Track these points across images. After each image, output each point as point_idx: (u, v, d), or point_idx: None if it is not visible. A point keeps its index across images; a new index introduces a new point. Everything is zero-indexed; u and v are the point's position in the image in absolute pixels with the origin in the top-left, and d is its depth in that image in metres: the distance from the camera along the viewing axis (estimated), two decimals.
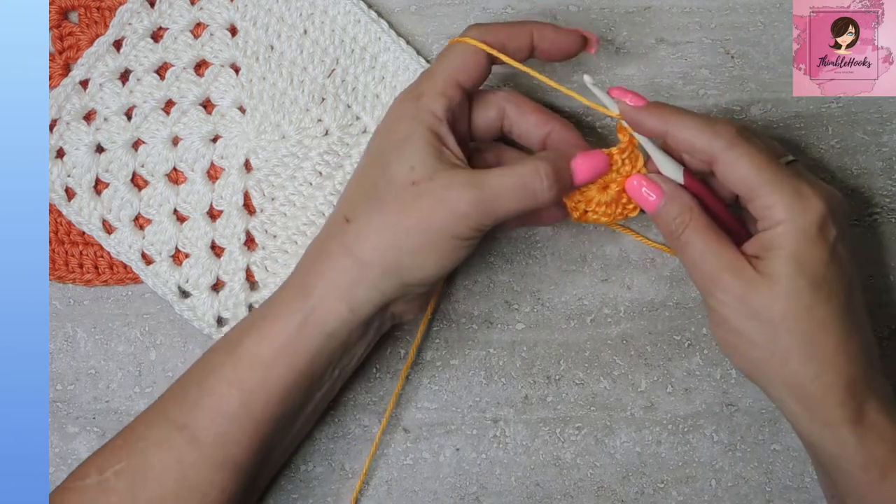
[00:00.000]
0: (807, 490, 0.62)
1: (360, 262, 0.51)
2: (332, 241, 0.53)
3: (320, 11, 0.62)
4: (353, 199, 0.53)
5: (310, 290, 0.52)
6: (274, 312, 0.53)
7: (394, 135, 0.53)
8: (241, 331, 0.54)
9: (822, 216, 0.50)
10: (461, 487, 0.62)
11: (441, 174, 0.51)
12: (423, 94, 0.53)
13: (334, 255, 0.52)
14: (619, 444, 0.62)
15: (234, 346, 0.53)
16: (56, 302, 0.63)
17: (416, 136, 0.52)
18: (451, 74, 0.53)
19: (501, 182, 0.51)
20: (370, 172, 0.53)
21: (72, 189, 0.62)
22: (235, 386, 0.52)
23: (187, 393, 0.53)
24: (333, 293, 0.52)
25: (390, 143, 0.52)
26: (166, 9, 0.62)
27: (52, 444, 0.62)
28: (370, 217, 0.51)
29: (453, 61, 0.54)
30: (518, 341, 0.63)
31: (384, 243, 0.51)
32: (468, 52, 0.54)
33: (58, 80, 0.62)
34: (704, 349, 0.63)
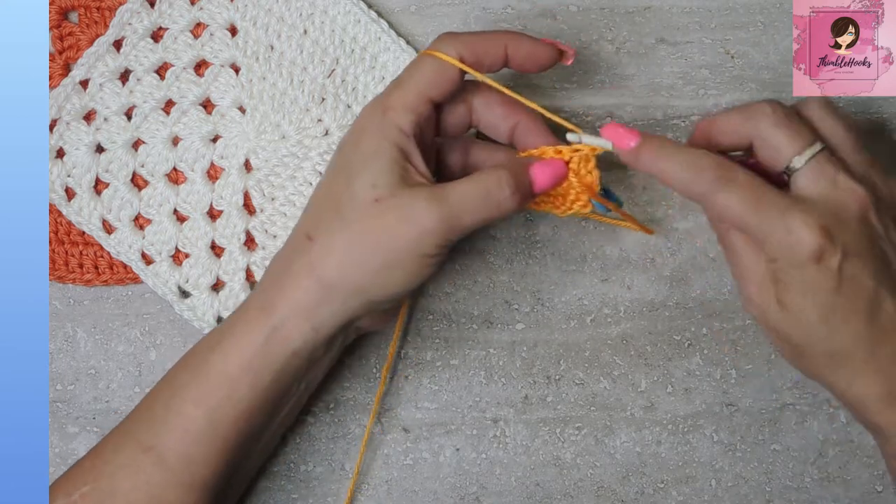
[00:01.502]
0: (807, 490, 0.62)
1: (323, 283, 0.51)
2: (295, 259, 0.52)
3: (320, 11, 0.62)
4: (317, 216, 0.52)
5: (273, 308, 0.52)
6: (238, 330, 0.52)
7: (359, 149, 0.52)
8: (205, 348, 0.53)
9: (815, 249, 0.49)
10: (461, 487, 0.62)
11: (404, 191, 0.50)
12: (391, 108, 0.52)
13: (298, 275, 0.51)
14: (619, 444, 0.62)
15: (198, 363, 0.53)
16: (56, 302, 0.63)
17: (382, 152, 0.51)
18: (421, 89, 0.52)
19: (464, 195, 0.50)
20: (334, 187, 0.52)
21: (72, 189, 0.62)
22: (201, 405, 0.52)
23: (153, 413, 0.53)
24: (297, 312, 0.51)
25: (355, 158, 0.52)
26: (166, 9, 0.62)
27: (52, 444, 0.62)
28: (333, 236, 0.51)
29: (424, 75, 0.52)
30: (518, 341, 0.63)
31: (348, 263, 0.51)
32: (440, 66, 0.52)
33: (58, 80, 0.62)
34: (704, 349, 0.63)
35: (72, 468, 0.54)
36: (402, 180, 0.51)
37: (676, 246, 0.63)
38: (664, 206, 0.63)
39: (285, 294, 0.51)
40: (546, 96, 0.62)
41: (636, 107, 0.63)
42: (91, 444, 0.62)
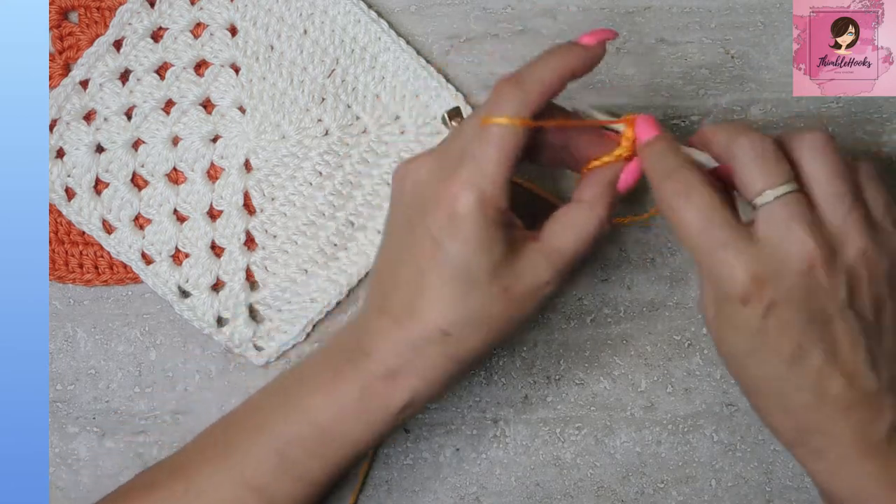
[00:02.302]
0: (807, 490, 0.62)
1: (462, 365, 0.53)
2: (430, 348, 0.52)
3: (320, 11, 0.62)
4: (445, 309, 0.51)
5: (409, 386, 0.53)
6: (368, 396, 0.53)
7: (466, 237, 0.50)
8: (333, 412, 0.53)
9: (741, 292, 0.48)
10: (461, 487, 0.62)
11: (523, 268, 0.51)
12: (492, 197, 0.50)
13: (436, 364, 0.52)
14: (619, 444, 0.62)
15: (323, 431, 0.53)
16: (56, 302, 0.63)
17: (496, 240, 0.51)
18: (508, 168, 0.51)
19: (570, 243, 0.52)
20: (448, 279, 0.51)
21: (72, 189, 0.62)
22: (324, 461, 0.53)
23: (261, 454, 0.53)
24: (431, 389, 0.53)
25: (466, 248, 0.50)
26: (166, 9, 0.62)
27: (52, 444, 0.62)
28: (474, 331, 0.52)
29: (505, 148, 0.50)
30: (518, 341, 0.63)
31: (488, 346, 0.53)
32: (516, 134, 0.50)
33: (58, 80, 0.62)
34: (704, 349, 0.63)
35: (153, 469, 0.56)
36: (515, 254, 0.51)
37: (676, 246, 0.63)
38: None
39: (421, 372, 0.52)
40: None
41: (636, 107, 0.63)
42: (91, 444, 0.62)
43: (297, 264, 0.62)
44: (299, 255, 0.62)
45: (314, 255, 0.62)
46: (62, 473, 0.62)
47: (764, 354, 0.49)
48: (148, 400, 0.62)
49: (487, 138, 0.50)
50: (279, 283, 0.62)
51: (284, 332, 0.62)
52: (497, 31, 0.63)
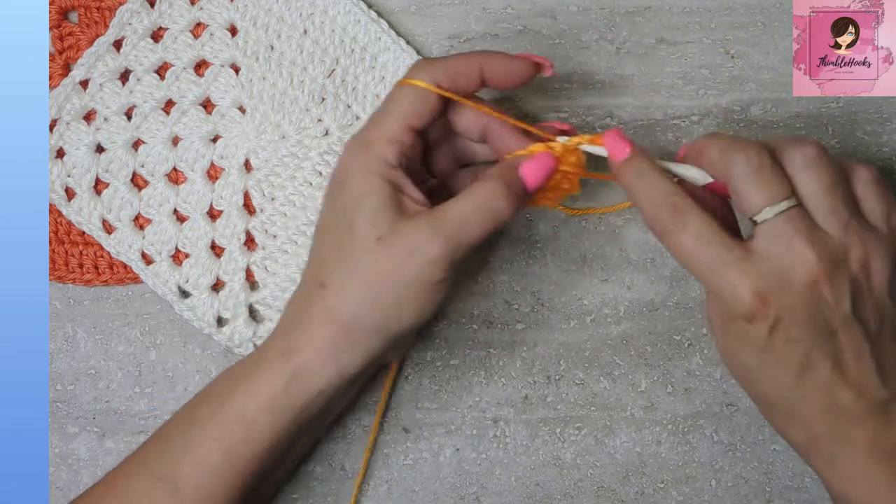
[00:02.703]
0: (807, 490, 0.62)
1: (343, 328, 0.51)
2: (311, 305, 0.52)
3: (320, 11, 0.62)
4: (324, 263, 0.53)
5: (295, 352, 0.52)
6: (259, 371, 0.53)
7: (350, 190, 0.52)
8: (226, 386, 0.54)
9: (746, 311, 0.48)
10: (461, 487, 0.62)
11: (404, 225, 0.51)
12: (373, 143, 0.52)
13: (316, 321, 0.52)
14: (619, 444, 0.62)
15: (219, 400, 0.53)
16: (56, 302, 0.63)
17: (373, 189, 0.51)
18: (402, 120, 0.52)
19: (461, 214, 0.51)
20: (334, 231, 0.53)
21: (72, 189, 0.62)
22: (219, 441, 0.52)
23: (171, 444, 0.53)
24: (320, 357, 0.52)
25: (348, 200, 0.52)
26: (166, 9, 0.62)
27: (52, 444, 0.62)
28: (344, 281, 0.51)
29: (403, 105, 0.52)
30: (518, 341, 0.63)
31: (364, 305, 0.51)
32: (419, 94, 0.52)
33: (58, 80, 0.62)
34: (704, 349, 0.63)
35: (82, 495, 0.54)
36: (400, 213, 0.51)
37: None
38: None
39: (307, 339, 0.52)
40: (547, 96, 0.62)
41: (636, 107, 0.63)
42: (91, 444, 0.62)
43: (297, 264, 0.62)
44: (299, 255, 0.62)
45: None
46: (62, 473, 0.62)
47: (772, 369, 0.50)
48: (148, 400, 0.62)
49: (391, 97, 0.53)
50: (279, 283, 0.62)
51: None
52: (497, 31, 0.63)
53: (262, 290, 0.62)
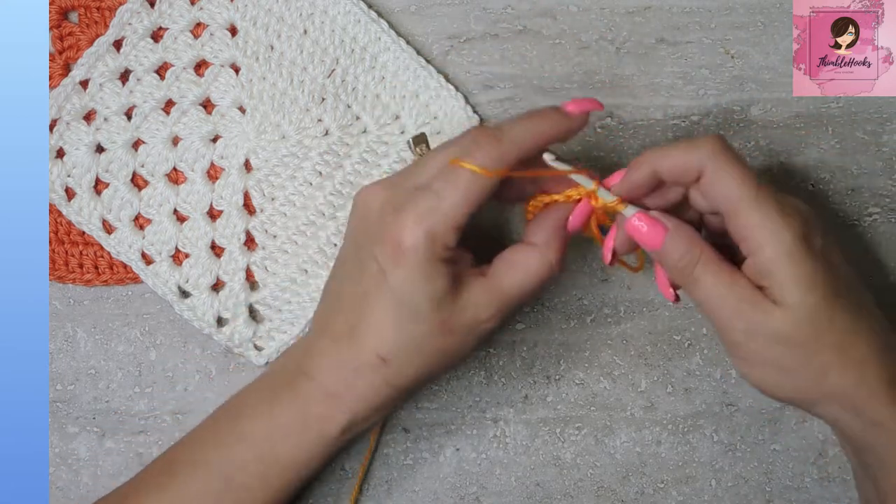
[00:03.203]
0: (807, 490, 0.62)
1: (400, 391, 0.54)
2: (370, 374, 0.53)
3: (320, 11, 0.62)
4: (384, 336, 0.52)
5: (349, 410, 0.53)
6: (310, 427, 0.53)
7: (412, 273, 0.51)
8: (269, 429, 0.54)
9: (803, 231, 0.50)
10: (461, 487, 0.62)
11: (465, 303, 0.52)
12: (439, 234, 0.50)
13: (376, 387, 0.53)
14: (619, 444, 0.62)
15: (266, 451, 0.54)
16: (56, 302, 0.63)
17: (439, 275, 0.51)
18: (467, 210, 0.51)
19: (520, 288, 0.53)
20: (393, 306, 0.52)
21: (72, 189, 0.62)
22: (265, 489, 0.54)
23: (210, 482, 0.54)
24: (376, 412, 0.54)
25: (409, 281, 0.51)
26: (166, 9, 0.62)
27: (52, 444, 0.62)
28: (411, 360, 0.52)
29: (470, 196, 0.51)
30: (518, 341, 0.63)
31: (425, 377, 0.54)
32: (482, 183, 0.51)
33: (58, 80, 0.62)
34: (704, 349, 0.63)
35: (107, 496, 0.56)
36: (459, 288, 0.52)
37: None
38: None
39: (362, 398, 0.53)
40: (547, 96, 0.62)
41: (636, 107, 0.63)
42: (91, 444, 0.62)
43: (297, 264, 0.62)
44: (299, 255, 0.62)
45: (314, 255, 0.62)
46: (62, 473, 0.62)
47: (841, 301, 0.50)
48: (148, 400, 0.62)
49: (454, 179, 0.51)
50: (279, 283, 0.62)
51: (284, 332, 0.62)
52: (497, 31, 0.63)
53: (262, 290, 0.62)
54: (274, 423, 0.53)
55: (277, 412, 0.54)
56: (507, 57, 0.63)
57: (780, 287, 0.50)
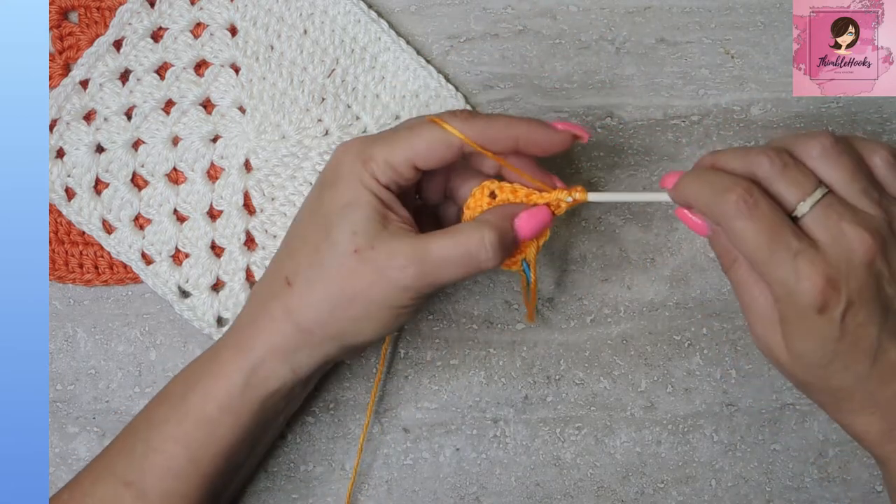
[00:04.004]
0: (807, 490, 0.62)
1: (301, 329, 0.52)
2: (273, 302, 0.52)
3: (320, 11, 0.62)
4: (295, 260, 0.52)
5: (250, 349, 0.52)
6: (215, 370, 0.53)
7: (338, 196, 0.51)
8: (183, 386, 0.54)
9: (819, 300, 0.48)
10: (461, 487, 0.62)
11: (384, 244, 0.50)
12: (373, 158, 0.51)
13: (276, 319, 0.52)
14: (619, 444, 0.62)
15: (178, 401, 0.53)
16: (56, 302, 0.63)
17: (361, 200, 0.51)
18: (410, 153, 0.51)
19: (445, 252, 0.50)
20: (312, 231, 0.52)
21: (72, 189, 0.62)
22: (182, 443, 0.52)
23: (133, 448, 0.54)
24: (275, 355, 0.52)
25: (334, 205, 0.51)
26: (166, 9, 0.62)
27: (52, 444, 0.62)
28: (312, 283, 0.51)
29: (419, 141, 0.51)
30: (518, 341, 0.63)
31: (325, 312, 0.51)
32: (440, 138, 0.51)
33: (58, 80, 0.62)
34: (704, 349, 0.63)
35: (51, 499, 0.55)
36: (383, 227, 0.51)
37: (676, 246, 0.63)
38: (664, 206, 0.63)
39: (263, 336, 0.52)
40: (547, 96, 0.63)
41: (636, 107, 0.63)
42: (91, 444, 0.62)
43: None
44: None
45: None
46: (62, 473, 0.62)
47: (846, 358, 0.49)
48: (148, 400, 0.62)
49: (412, 126, 0.51)
50: None
51: None
52: (497, 31, 0.63)
53: None
54: (188, 374, 0.54)
55: (195, 363, 0.54)
56: (507, 57, 0.63)
57: (786, 333, 0.50)
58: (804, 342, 0.49)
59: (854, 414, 0.51)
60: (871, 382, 0.50)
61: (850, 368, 0.49)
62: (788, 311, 0.49)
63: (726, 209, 0.48)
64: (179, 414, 0.53)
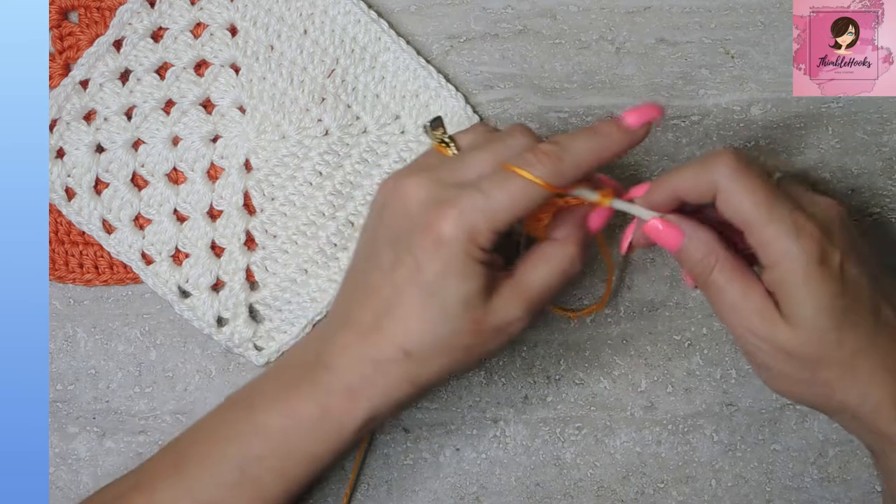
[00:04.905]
0: (807, 490, 0.62)
1: (422, 388, 0.53)
2: (391, 368, 0.52)
3: (320, 11, 0.62)
4: (410, 330, 0.51)
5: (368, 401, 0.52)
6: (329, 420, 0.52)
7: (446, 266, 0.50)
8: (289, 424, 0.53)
9: (820, 249, 0.49)
10: (461, 487, 0.62)
11: (495, 304, 0.51)
12: (481, 232, 0.50)
13: (397, 382, 0.52)
14: (619, 444, 0.62)
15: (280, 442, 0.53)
16: (56, 302, 0.63)
17: (474, 275, 0.50)
18: (511, 218, 0.50)
19: (545, 284, 0.52)
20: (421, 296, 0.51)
21: (72, 189, 0.62)
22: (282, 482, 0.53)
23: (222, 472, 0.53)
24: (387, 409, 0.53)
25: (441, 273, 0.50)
26: (166, 9, 0.62)
27: (52, 444, 0.62)
28: (433, 356, 0.51)
29: (517, 201, 0.50)
30: (518, 341, 0.63)
31: (444, 375, 0.53)
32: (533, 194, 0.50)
33: (58, 80, 0.62)
34: (704, 349, 0.63)
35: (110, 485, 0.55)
36: (490, 289, 0.51)
37: None
38: None
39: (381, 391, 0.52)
40: (546, 96, 0.62)
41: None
42: (91, 444, 0.62)
43: (297, 264, 0.62)
44: (299, 255, 0.62)
45: (314, 255, 0.62)
46: (62, 473, 0.62)
47: (853, 316, 0.50)
48: (148, 400, 0.62)
49: (506, 184, 0.50)
50: (279, 283, 0.62)
51: (284, 332, 0.62)
52: (497, 31, 0.63)
53: (262, 290, 0.62)
54: (291, 416, 0.52)
55: (295, 404, 0.52)
56: (507, 57, 0.63)
57: (790, 305, 0.50)
58: (810, 306, 0.49)
59: (867, 383, 0.51)
60: (878, 338, 0.50)
61: (859, 326, 0.50)
62: (789, 275, 0.49)
63: (728, 166, 0.50)
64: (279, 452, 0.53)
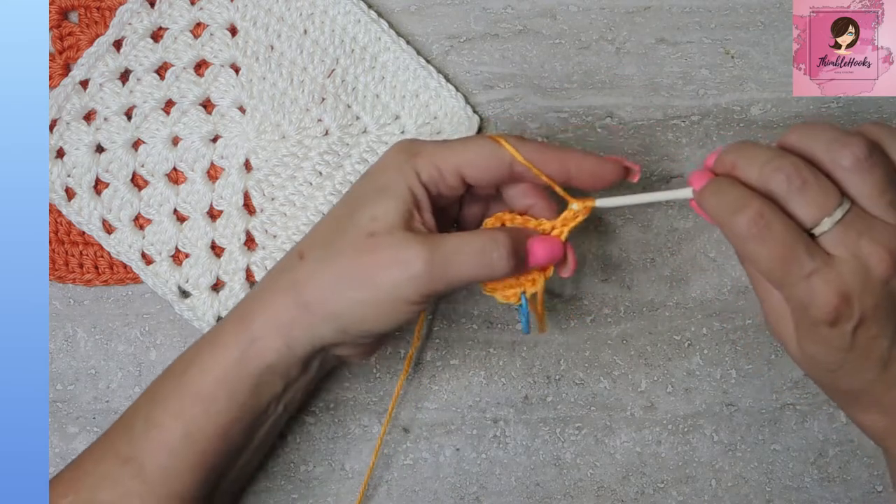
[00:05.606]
0: (807, 490, 0.62)
1: (301, 303, 0.51)
2: (283, 274, 0.52)
3: (320, 11, 0.62)
4: (315, 236, 0.52)
5: (250, 322, 0.52)
6: (215, 342, 0.53)
7: (373, 180, 0.52)
8: (185, 360, 0.54)
9: (831, 315, 0.48)
10: (461, 487, 0.62)
11: (400, 233, 0.50)
12: (420, 155, 0.51)
13: (280, 290, 0.52)
14: (619, 444, 0.62)
15: (178, 376, 0.53)
16: (56, 302, 0.63)
17: (393, 189, 0.51)
18: (460, 161, 0.51)
19: (459, 246, 0.50)
20: (339, 212, 0.52)
21: (72, 189, 0.62)
22: (179, 419, 0.52)
23: (133, 425, 0.53)
24: (272, 327, 0.51)
25: (367, 188, 0.52)
26: (166, 9, 0.62)
27: (52, 444, 0.62)
28: (322, 259, 0.51)
29: (471, 152, 0.51)
30: (518, 341, 0.63)
31: (327, 289, 0.50)
32: (493, 153, 0.51)
33: (58, 80, 0.62)
34: (704, 349, 0.63)
35: (53, 478, 0.55)
36: (404, 222, 0.50)
37: (676, 246, 0.63)
38: (664, 205, 0.63)
39: (264, 308, 0.52)
40: (547, 96, 0.63)
41: (636, 107, 0.63)
42: None
43: None
44: None
45: None
46: None
47: (855, 365, 0.49)
48: None
49: (468, 137, 0.52)
50: None
51: None
52: (497, 31, 0.63)
53: None
54: (193, 350, 0.53)
55: (199, 340, 0.54)
56: (507, 57, 0.63)
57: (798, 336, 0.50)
58: (814, 347, 0.50)
59: (861, 412, 0.52)
60: (878, 387, 0.50)
61: (859, 375, 0.50)
62: (801, 320, 0.49)
63: (738, 230, 0.48)
64: (178, 390, 0.52)
